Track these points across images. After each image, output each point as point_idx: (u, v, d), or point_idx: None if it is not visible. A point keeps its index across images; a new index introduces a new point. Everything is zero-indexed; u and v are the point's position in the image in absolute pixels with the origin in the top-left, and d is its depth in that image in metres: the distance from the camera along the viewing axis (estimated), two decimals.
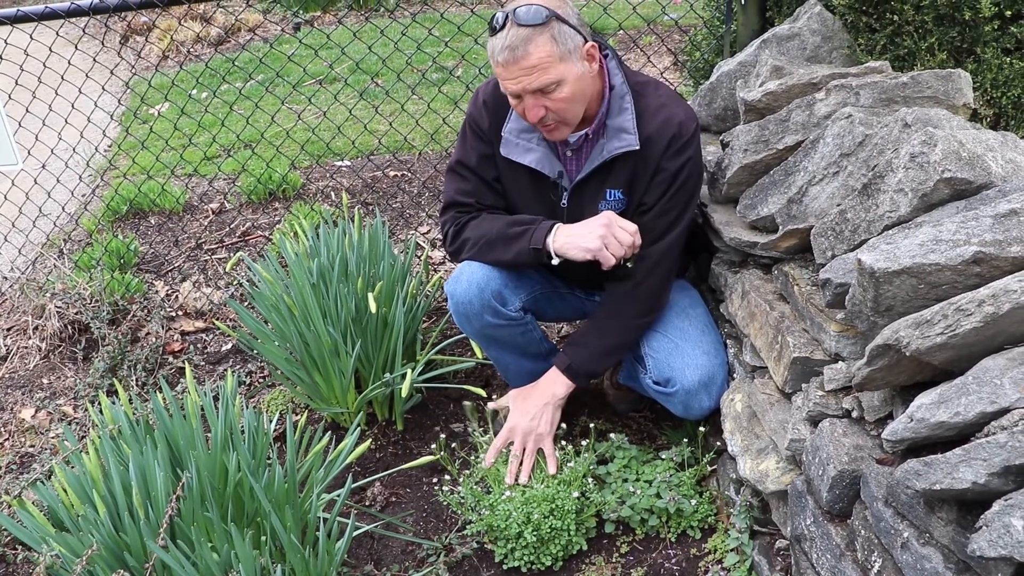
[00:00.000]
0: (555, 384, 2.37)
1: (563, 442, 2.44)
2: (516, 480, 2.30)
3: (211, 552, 1.90)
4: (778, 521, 2.07)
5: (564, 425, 2.50)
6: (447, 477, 2.48)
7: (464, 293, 2.33)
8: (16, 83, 3.56)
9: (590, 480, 2.31)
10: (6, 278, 3.95)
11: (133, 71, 5.83)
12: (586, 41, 2.12)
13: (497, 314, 2.35)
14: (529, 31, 2.03)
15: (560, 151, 2.30)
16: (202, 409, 2.27)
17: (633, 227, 2.20)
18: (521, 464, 2.32)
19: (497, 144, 2.32)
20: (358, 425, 2.39)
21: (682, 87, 3.84)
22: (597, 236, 2.17)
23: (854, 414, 1.77)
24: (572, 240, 2.19)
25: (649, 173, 2.23)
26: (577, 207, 2.29)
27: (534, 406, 2.35)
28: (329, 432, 2.42)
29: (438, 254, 3.72)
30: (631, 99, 2.22)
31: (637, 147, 2.20)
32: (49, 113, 3.74)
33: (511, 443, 2.35)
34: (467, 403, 2.61)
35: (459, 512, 2.38)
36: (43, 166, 4.01)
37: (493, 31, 2.08)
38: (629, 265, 2.25)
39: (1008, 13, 2.22)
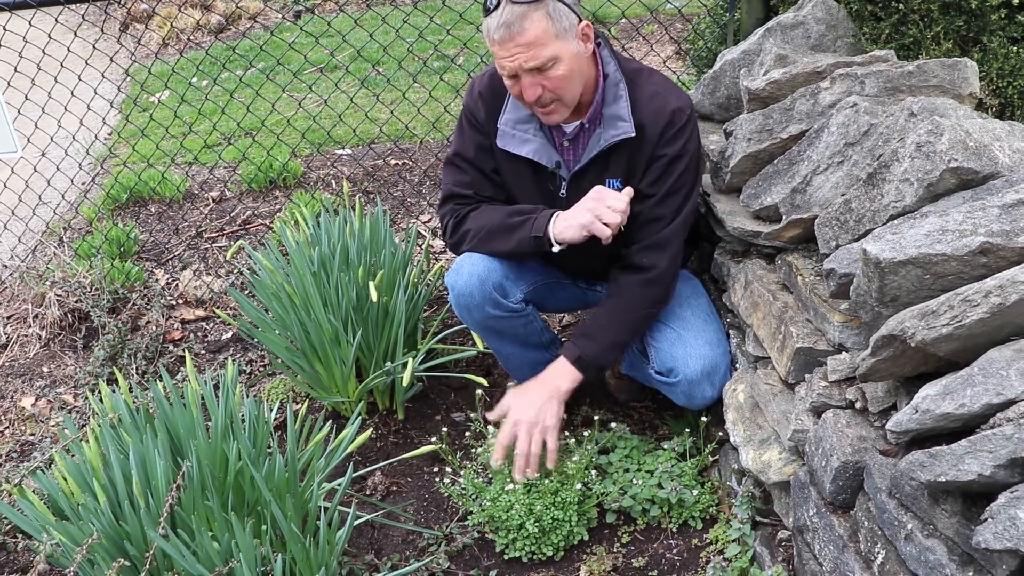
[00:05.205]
0: (560, 377, 2.28)
1: (565, 432, 2.44)
2: (523, 476, 2.22)
3: (211, 541, 1.90)
4: (780, 512, 2.06)
5: (565, 416, 2.48)
6: (448, 469, 2.48)
7: (465, 285, 2.32)
8: (15, 70, 3.54)
9: (592, 471, 2.31)
10: (6, 266, 3.94)
11: (133, 59, 5.81)
12: (580, 20, 2.12)
13: (498, 306, 2.33)
14: (525, 8, 2.02)
15: (557, 141, 2.29)
16: (202, 398, 2.26)
17: (623, 195, 2.19)
18: (528, 459, 2.23)
19: (494, 136, 2.31)
20: (359, 414, 2.38)
21: (685, 76, 3.82)
22: (587, 210, 2.17)
23: (858, 405, 1.76)
24: (567, 222, 2.19)
25: (645, 161, 2.22)
26: (576, 197, 2.27)
27: (539, 398, 2.25)
28: (330, 421, 2.41)
29: (439, 243, 3.71)
30: (625, 87, 2.21)
31: (633, 134, 2.18)
32: (48, 100, 3.73)
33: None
34: (478, 392, 2.54)
35: (460, 503, 2.37)
36: (43, 154, 4.00)
37: (487, 11, 2.07)
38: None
39: (1015, 1, 2.21)
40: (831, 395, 1.82)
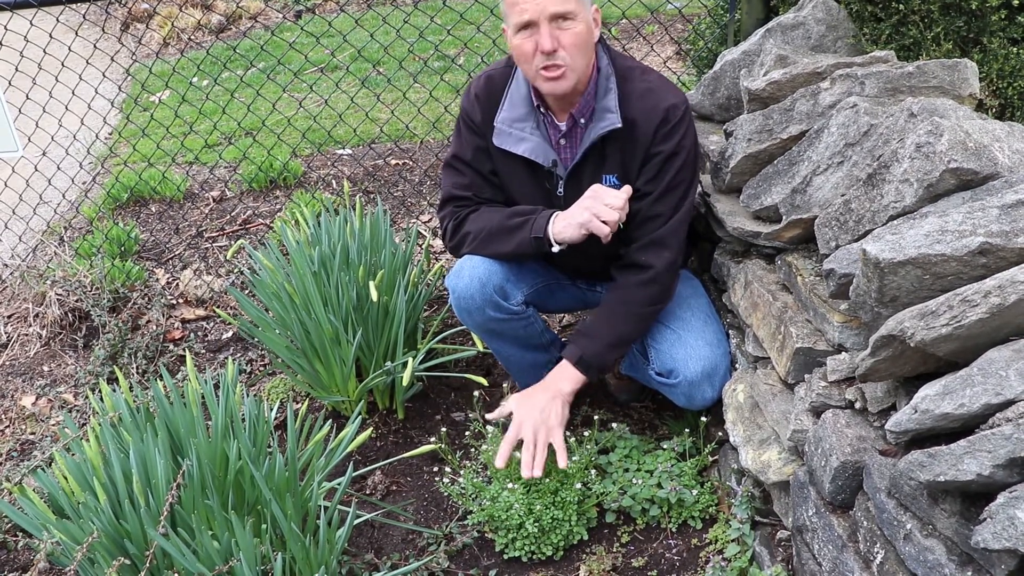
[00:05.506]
0: (563, 380, 2.28)
1: (566, 432, 2.43)
2: (531, 472, 2.19)
3: (211, 540, 1.90)
4: (780, 512, 2.06)
5: (568, 416, 2.47)
6: (447, 469, 2.48)
7: (466, 288, 2.32)
8: (16, 70, 3.55)
9: (591, 470, 2.31)
10: (7, 265, 3.94)
11: (134, 58, 5.82)
12: (592, 3, 2.15)
13: (499, 308, 2.33)
14: None
15: (553, 139, 2.29)
16: (203, 397, 2.27)
17: (621, 193, 2.19)
18: (535, 457, 2.20)
19: (490, 135, 2.31)
20: (359, 414, 2.38)
21: (685, 76, 3.82)
22: (585, 208, 2.17)
23: (857, 405, 1.77)
24: (566, 221, 2.19)
25: (640, 158, 2.22)
26: (574, 195, 2.27)
27: (542, 399, 2.25)
28: (330, 420, 2.41)
29: (439, 243, 3.71)
30: (615, 81, 2.23)
31: (619, 125, 2.18)
32: (49, 100, 3.73)
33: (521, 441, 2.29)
34: (476, 392, 2.56)
35: (460, 502, 2.38)
36: (43, 153, 4.00)
37: None
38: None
39: (1015, 2, 2.21)
40: (831, 395, 1.82)
